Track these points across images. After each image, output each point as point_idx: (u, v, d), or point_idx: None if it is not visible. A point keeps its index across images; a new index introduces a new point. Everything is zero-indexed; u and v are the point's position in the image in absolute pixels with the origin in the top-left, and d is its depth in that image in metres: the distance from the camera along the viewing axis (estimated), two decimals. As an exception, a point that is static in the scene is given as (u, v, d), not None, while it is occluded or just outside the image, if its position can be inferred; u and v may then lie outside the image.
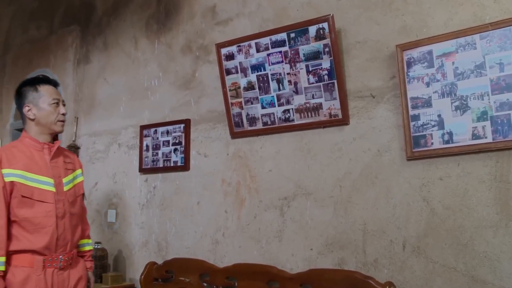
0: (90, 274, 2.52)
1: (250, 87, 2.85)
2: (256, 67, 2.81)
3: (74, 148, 3.94)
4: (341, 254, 2.48)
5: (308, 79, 2.63)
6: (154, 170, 3.37)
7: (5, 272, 2.13)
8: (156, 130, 3.39)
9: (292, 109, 2.70)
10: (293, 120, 2.72)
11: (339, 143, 2.56)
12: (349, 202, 2.48)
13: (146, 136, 3.45)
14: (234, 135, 2.98)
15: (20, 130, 4.61)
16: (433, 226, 2.22)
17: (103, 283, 3.20)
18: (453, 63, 2.21)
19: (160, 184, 3.35)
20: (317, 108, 2.61)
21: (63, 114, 2.36)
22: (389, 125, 2.40)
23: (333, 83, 2.54)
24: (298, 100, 2.68)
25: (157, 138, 3.38)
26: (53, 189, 2.27)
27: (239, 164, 2.95)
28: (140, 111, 3.56)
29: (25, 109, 2.32)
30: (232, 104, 2.94)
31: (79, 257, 2.47)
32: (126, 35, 3.76)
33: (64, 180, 2.36)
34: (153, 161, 3.39)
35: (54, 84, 2.43)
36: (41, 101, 2.31)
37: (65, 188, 2.34)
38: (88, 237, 2.60)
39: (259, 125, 2.85)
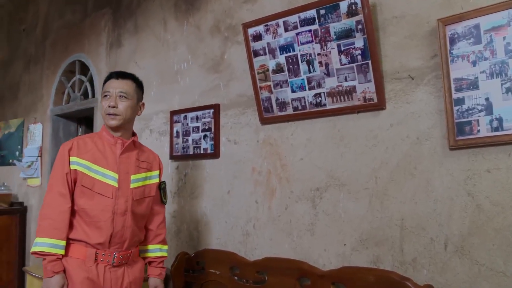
0: (159, 282, 2.41)
1: (279, 69, 2.65)
2: (284, 48, 2.60)
3: (108, 134, 3.89)
4: (377, 252, 2.27)
5: (340, 60, 2.40)
6: (185, 157, 3.26)
7: (62, 257, 2.11)
8: (185, 116, 3.27)
9: (324, 92, 2.49)
10: (325, 105, 2.50)
11: (375, 129, 2.33)
12: (386, 195, 2.26)
13: (176, 122, 3.33)
14: (263, 121, 2.81)
15: (60, 116, 4.66)
16: (479, 224, 1.97)
17: (135, 273, 3.15)
18: (504, 38, 1.92)
19: (190, 171, 3.24)
20: (350, 91, 2.38)
21: (110, 107, 2.21)
22: (430, 110, 2.14)
23: (367, 63, 2.30)
24: (330, 83, 2.46)
25: (187, 124, 3.25)
26: (115, 184, 2.19)
27: (269, 152, 2.77)
28: (170, 96, 3.44)
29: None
30: (261, 88, 2.76)
31: (147, 262, 2.42)
32: (155, 16, 3.63)
33: (133, 177, 2.26)
34: (183, 148, 3.27)
35: (116, 76, 2.28)
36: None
37: (132, 186, 2.25)
38: (163, 243, 2.46)
39: (289, 110, 2.66)
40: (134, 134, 2.36)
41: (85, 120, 4.78)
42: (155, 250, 2.44)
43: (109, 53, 4.06)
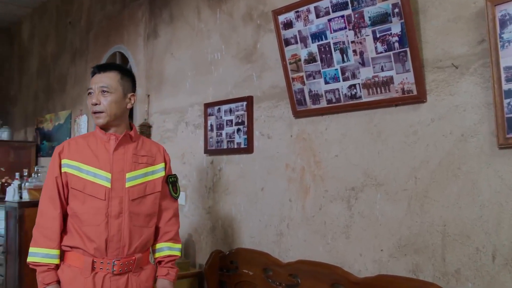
0: (167, 283, 2.19)
1: (311, 59, 2.46)
2: (316, 36, 2.40)
3: (146, 127, 3.85)
4: (416, 259, 2.06)
5: (376, 48, 2.17)
6: (219, 151, 3.14)
7: (58, 266, 2.00)
8: (219, 109, 3.14)
9: (359, 84, 2.28)
10: (360, 97, 2.29)
11: (414, 125, 2.10)
12: (426, 197, 2.04)
13: (210, 114, 3.22)
14: (297, 114, 2.63)
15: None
16: (532, 234, 1.72)
17: (170, 270, 3.09)
18: None
19: (225, 166, 3.12)
20: (387, 82, 2.16)
21: (93, 104, 2.04)
22: (476, 103, 1.89)
23: (405, 51, 2.07)
24: (365, 74, 2.24)
25: (221, 117, 3.13)
26: (108, 185, 2.01)
27: (303, 148, 2.60)
28: (204, 88, 3.32)
29: None
30: (293, 79, 2.57)
31: (157, 262, 2.23)
32: (189, 5, 3.51)
33: (129, 175, 2.06)
34: (217, 142, 3.16)
35: (98, 69, 2.10)
36: None
37: (128, 184, 2.05)
38: (173, 241, 2.24)
39: (323, 103, 2.46)
40: (131, 128, 2.18)
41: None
42: (163, 249, 2.23)
43: (146, 44, 3.99)
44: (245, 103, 2.95)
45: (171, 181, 2.26)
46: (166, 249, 2.23)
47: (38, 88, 6.12)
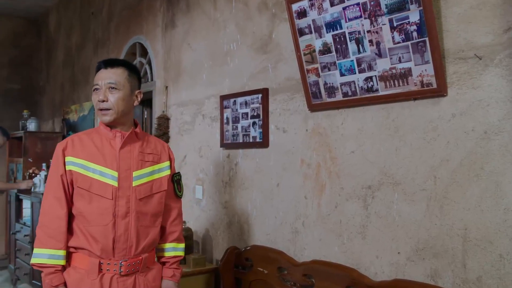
0: (171, 284, 2.15)
1: (326, 49, 2.33)
2: (331, 25, 2.27)
3: (164, 119, 3.80)
4: (435, 264, 1.93)
5: (393, 38, 2.03)
6: (235, 145, 3.06)
7: (64, 268, 1.96)
8: (235, 101, 3.05)
9: (375, 76, 2.14)
10: (377, 90, 2.15)
11: (434, 120, 1.96)
12: (446, 198, 1.90)
13: (226, 107, 3.13)
14: (312, 108, 2.51)
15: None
16: (561, 243, 1.57)
17: (185, 266, 3.03)
18: None
19: (241, 161, 3.03)
20: (405, 74, 2.02)
21: (100, 101, 1.98)
22: (501, 98, 1.74)
23: (424, 41, 1.91)
24: (382, 65, 2.10)
25: (236, 110, 3.03)
26: (115, 184, 1.96)
27: (319, 143, 2.48)
28: (220, 79, 3.23)
29: None
30: (307, 71, 2.45)
31: (161, 263, 2.19)
32: (205, -6, 3.41)
33: (136, 173, 2.01)
34: (233, 135, 3.07)
35: (105, 65, 2.02)
36: None
37: (135, 183, 2.00)
38: (177, 241, 2.21)
39: (339, 96, 2.33)
40: (136, 125, 2.11)
41: (148, 103, 4.73)
42: (168, 249, 2.19)
43: (164, 34, 3.92)
44: (260, 95, 2.84)
45: (175, 179, 2.21)
46: (171, 249, 2.20)
47: (64, 79, 6.16)
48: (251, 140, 2.92)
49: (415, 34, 1.94)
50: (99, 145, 2.01)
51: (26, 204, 5.13)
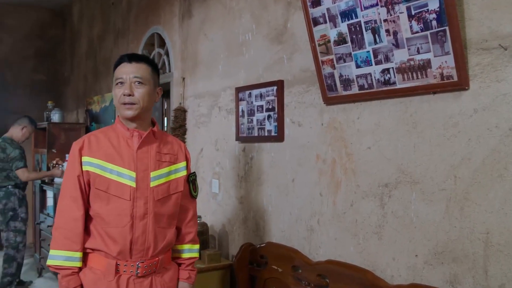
0: (187, 286, 2.12)
1: (341, 40, 2.21)
2: (346, 14, 2.15)
3: (181, 111, 3.73)
4: (454, 269, 1.81)
5: (411, 27, 1.89)
6: (250, 139, 2.97)
7: (80, 269, 1.92)
8: (250, 93, 2.96)
9: (393, 68, 2.01)
10: (394, 83, 2.03)
11: (455, 116, 1.82)
12: (467, 199, 1.78)
13: (241, 99, 3.04)
14: (327, 101, 2.40)
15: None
16: None
17: (200, 261, 2.98)
18: None
19: (256, 155, 2.94)
20: (424, 66, 1.88)
21: (125, 95, 1.90)
22: (528, 92, 1.60)
23: (444, 31, 1.78)
24: (400, 56, 1.97)
25: (251, 102, 2.94)
26: (133, 184, 1.90)
27: (334, 138, 2.37)
28: (236, 70, 3.14)
29: None
30: (322, 62, 2.34)
31: (177, 264, 2.14)
32: (221, -18, 3.31)
33: (153, 174, 1.96)
34: (248, 128, 2.98)
35: (129, 59, 1.95)
36: (113, 85, 1.99)
37: (153, 184, 1.95)
38: (193, 242, 2.16)
39: (355, 89, 2.22)
40: (154, 124, 2.05)
41: (166, 94, 4.68)
42: (184, 250, 2.14)
43: (181, 24, 3.84)
44: (275, 87, 2.74)
45: (191, 180, 2.15)
46: (187, 251, 2.16)
47: (87, 70, 6.17)
48: (266, 134, 2.83)
49: (434, 23, 1.80)
50: (116, 144, 1.96)
51: (50, 194, 5.18)
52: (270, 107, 2.78)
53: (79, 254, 1.88)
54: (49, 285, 5.05)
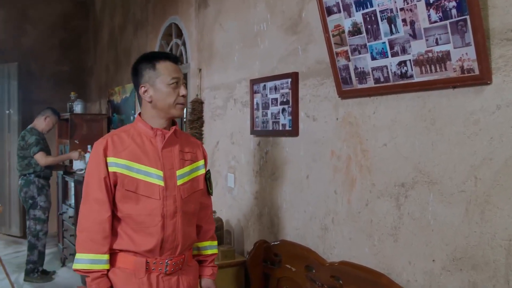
0: (210, 282, 2.14)
1: (356, 30, 2.09)
2: (361, 3, 2.02)
3: (198, 103, 3.66)
4: (474, 277, 1.69)
5: (429, 16, 1.76)
6: (265, 132, 2.88)
7: (108, 271, 1.89)
8: (264, 86, 2.86)
9: (410, 60, 1.88)
10: (411, 77, 1.90)
11: (476, 112, 1.69)
12: (488, 203, 1.65)
13: (256, 92, 2.94)
14: (342, 95, 2.28)
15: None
16: None
17: (214, 258, 2.92)
18: None
19: (271, 150, 2.85)
20: (443, 58, 1.75)
21: (183, 96, 1.93)
22: (556, 87, 1.45)
23: (464, 20, 1.64)
24: (417, 48, 1.84)
25: (266, 95, 2.84)
26: (161, 183, 1.89)
27: (350, 133, 2.26)
28: (251, 62, 3.04)
29: (141, 90, 1.92)
30: (337, 54, 2.22)
31: (197, 261, 2.15)
32: (236, -30, 3.21)
33: (178, 172, 1.95)
34: (263, 122, 2.89)
35: (175, 60, 1.96)
36: (158, 81, 1.89)
37: (179, 182, 1.94)
38: (212, 238, 2.19)
39: (370, 83, 2.10)
40: (174, 123, 2.00)
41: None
42: (206, 247, 2.16)
43: (197, 15, 3.75)
44: (290, 80, 2.64)
45: (207, 177, 2.14)
46: (209, 247, 2.18)
47: (109, 60, 6.17)
48: (280, 128, 2.73)
49: (454, 11, 1.66)
50: (140, 143, 1.92)
51: (71, 185, 5.22)
52: (285, 100, 2.68)
53: (106, 257, 1.86)
54: (72, 274, 5.09)
